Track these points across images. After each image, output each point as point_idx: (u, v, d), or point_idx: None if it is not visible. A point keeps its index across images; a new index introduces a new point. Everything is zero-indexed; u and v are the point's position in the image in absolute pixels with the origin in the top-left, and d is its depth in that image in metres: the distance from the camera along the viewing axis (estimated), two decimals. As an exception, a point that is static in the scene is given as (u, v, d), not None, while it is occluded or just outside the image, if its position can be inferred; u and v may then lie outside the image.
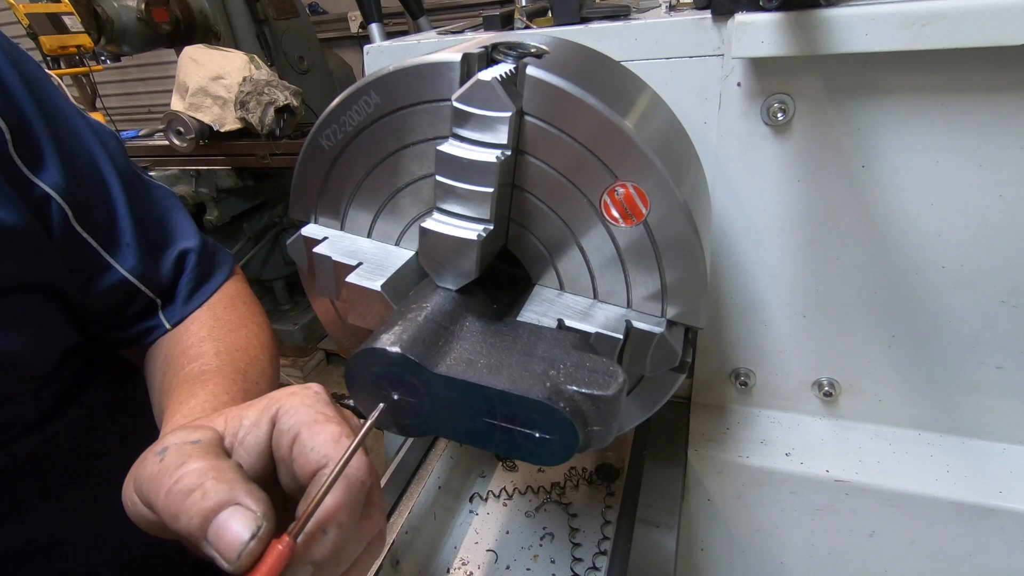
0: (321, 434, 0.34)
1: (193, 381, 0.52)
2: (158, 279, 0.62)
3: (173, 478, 0.31)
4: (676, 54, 0.65)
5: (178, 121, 2.17)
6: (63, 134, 0.55)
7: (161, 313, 0.63)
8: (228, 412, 0.38)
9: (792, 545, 0.77)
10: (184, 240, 0.64)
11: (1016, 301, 0.64)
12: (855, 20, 0.53)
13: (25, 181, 0.52)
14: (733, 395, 0.81)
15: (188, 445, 0.33)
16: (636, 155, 0.42)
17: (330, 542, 0.32)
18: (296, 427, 0.35)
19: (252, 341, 0.62)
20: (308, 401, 0.36)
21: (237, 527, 0.29)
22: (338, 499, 0.32)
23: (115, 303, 0.60)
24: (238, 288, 0.68)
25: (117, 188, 0.59)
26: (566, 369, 0.41)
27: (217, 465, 0.32)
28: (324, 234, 0.54)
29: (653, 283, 0.47)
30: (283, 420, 0.36)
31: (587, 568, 0.72)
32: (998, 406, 0.70)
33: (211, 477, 0.31)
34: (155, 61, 3.63)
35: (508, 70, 0.44)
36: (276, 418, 0.36)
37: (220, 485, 0.30)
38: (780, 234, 0.68)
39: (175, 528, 0.31)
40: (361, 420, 0.39)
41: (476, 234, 0.44)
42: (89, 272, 0.58)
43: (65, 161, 0.54)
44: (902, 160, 0.61)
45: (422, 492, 0.73)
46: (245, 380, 0.55)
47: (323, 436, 0.34)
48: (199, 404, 0.49)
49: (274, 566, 0.29)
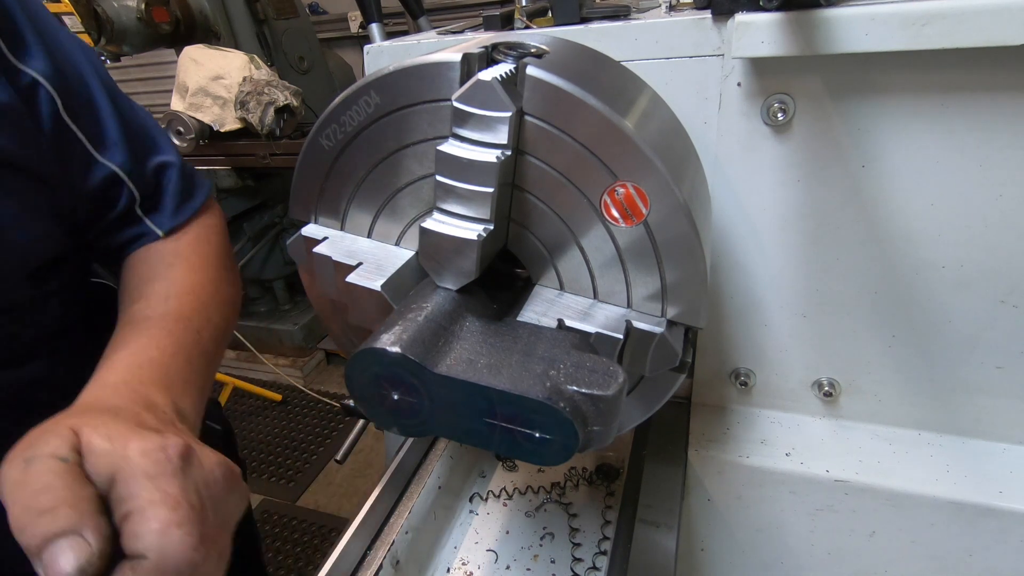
0: (151, 521, 0.32)
1: (133, 325, 0.53)
2: (144, 181, 0.62)
3: (32, 495, 0.31)
4: (676, 54, 0.65)
5: (178, 121, 2.17)
6: (46, 32, 0.56)
7: (149, 220, 0.63)
8: (99, 423, 0.36)
9: (792, 545, 0.77)
10: (166, 154, 0.65)
11: (1016, 301, 0.64)
12: (855, 20, 0.53)
13: (10, 66, 0.52)
14: (733, 395, 0.81)
15: (55, 461, 0.33)
16: (636, 155, 0.42)
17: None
18: (129, 501, 0.33)
19: (207, 287, 0.61)
20: (152, 470, 0.34)
21: (67, 558, 0.29)
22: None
23: (104, 200, 0.61)
24: (211, 225, 0.68)
25: (100, 91, 0.60)
26: (566, 369, 0.41)
27: (76, 493, 0.32)
28: (324, 234, 0.54)
29: (653, 283, 0.47)
30: (119, 487, 0.34)
31: (587, 568, 0.72)
32: (998, 406, 0.70)
33: (66, 503, 0.31)
34: (155, 61, 3.62)
35: (508, 70, 0.44)
36: (114, 480, 0.34)
37: (71, 513, 0.31)
38: (780, 234, 0.68)
39: (18, 539, 0.31)
40: None
41: (476, 234, 0.44)
42: (79, 167, 0.58)
43: (50, 55, 0.55)
44: (902, 160, 0.61)
45: (422, 492, 0.73)
46: (186, 330, 0.54)
47: (151, 524, 0.32)
48: (126, 356, 0.49)
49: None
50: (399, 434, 0.45)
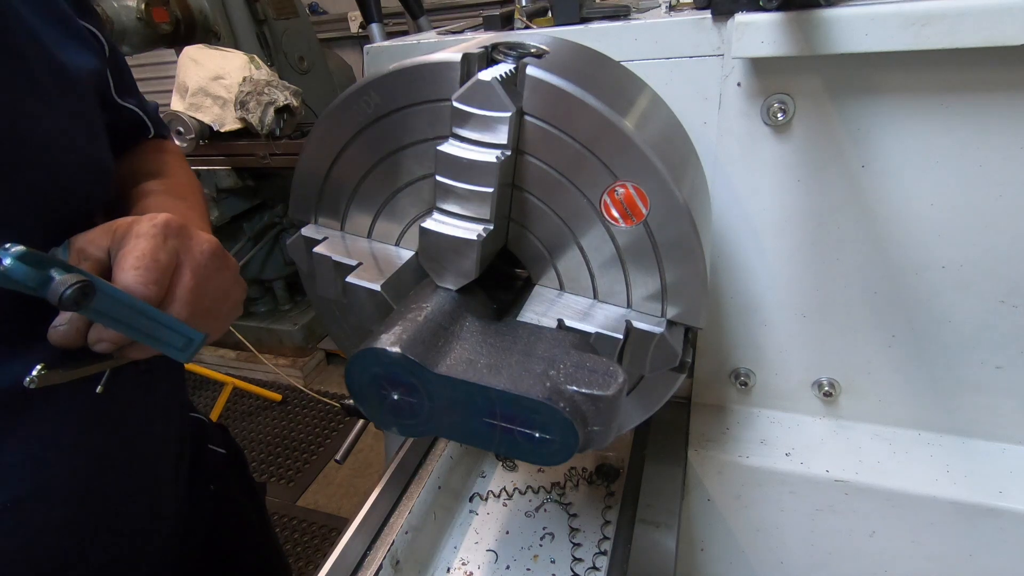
0: (119, 262, 0.46)
1: (150, 194, 0.66)
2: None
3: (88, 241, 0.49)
4: (676, 54, 0.65)
5: (178, 121, 2.17)
6: None
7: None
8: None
9: (792, 545, 0.77)
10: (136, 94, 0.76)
11: (1016, 301, 0.64)
12: (855, 20, 0.53)
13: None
14: (733, 395, 0.81)
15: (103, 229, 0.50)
16: (636, 155, 0.42)
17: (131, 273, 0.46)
18: (119, 249, 0.48)
19: (193, 177, 0.75)
20: (139, 231, 0.48)
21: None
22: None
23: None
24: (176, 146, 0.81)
25: None
26: (566, 369, 0.41)
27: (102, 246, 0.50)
28: (324, 234, 0.54)
29: (653, 283, 0.47)
30: (121, 240, 0.48)
31: (587, 568, 0.72)
32: (998, 406, 0.70)
33: (97, 247, 0.48)
34: (155, 61, 3.62)
35: (508, 70, 0.44)
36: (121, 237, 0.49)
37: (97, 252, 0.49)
38: (780, 234, 0.68)
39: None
40: None
41: (476, 234, 0.44)
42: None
43: None
44: (902, 160, 0.61)
45: (422, 492, 0.73)
46: (193, 196, 0.69)
47: (120, 264, 0.46)
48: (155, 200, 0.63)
49: None
50: (399, 434, 0.45)
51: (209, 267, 0.52)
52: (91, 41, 0.62)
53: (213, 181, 2.50)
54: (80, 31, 0.61)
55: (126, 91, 0.72)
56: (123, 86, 0.71)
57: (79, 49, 0.60)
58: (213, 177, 2.49)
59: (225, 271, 0.54)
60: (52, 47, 0.55)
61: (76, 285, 0.41)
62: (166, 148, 0.78)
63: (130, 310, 0.45)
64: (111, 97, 0.68)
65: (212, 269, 0.52)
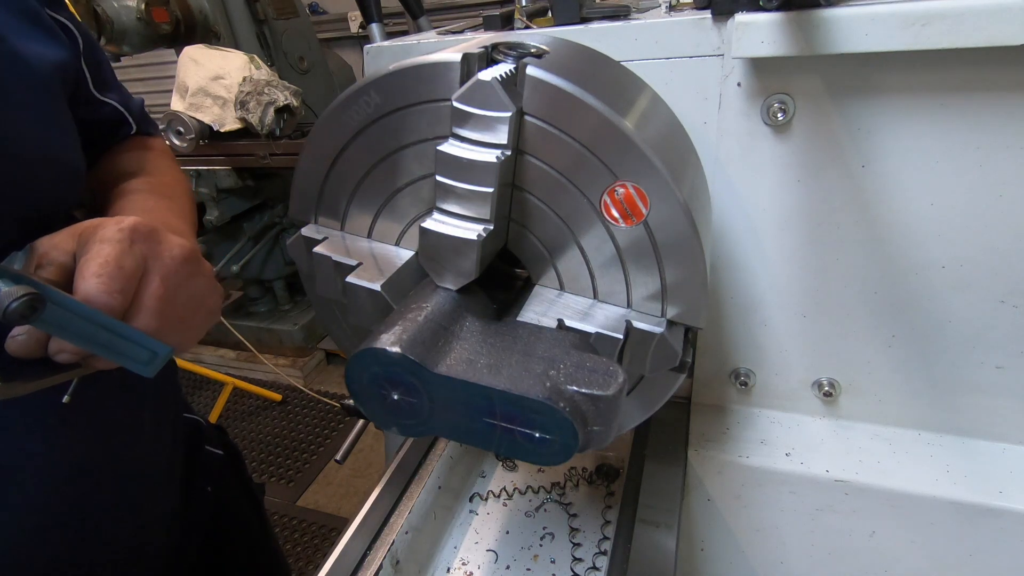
0: (80, 269, 0.43)
1: (135, 192, 0.64)
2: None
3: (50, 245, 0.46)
4: (676, 54, 0.65)
5: (178, 121, 2.17)
6: None
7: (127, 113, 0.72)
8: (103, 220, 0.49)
9: (792, 545, 0.77)
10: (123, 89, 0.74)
11: (1016, 301, 0.64)
12: (855, 20, 0.53)
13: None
14: (733, 395, 0.81)
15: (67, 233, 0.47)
16: (636, 155, 0.42)
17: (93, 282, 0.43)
18: (82, 256, 0.45)
19: (181, 175, 0.75)
20: (103, 237, 0.45)
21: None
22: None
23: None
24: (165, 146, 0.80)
25: None
26: (566, 369, 0.41)
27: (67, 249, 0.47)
28: (324, 234, 0.54)
29: (653, 283, 0.47)
30: (84, 246, 0.46)
31: (587, 568, 0.72)
32: (998, 406, 0.70)
33: (62, 252, 0.46)
34: (155, 61, 3.62)
35: (508, 70, 0.44)
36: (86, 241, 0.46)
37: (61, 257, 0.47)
38: (780, 234, 0.68)
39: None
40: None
41: (476, 234, 0.44)
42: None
43: None
44: (902, 160, 0.61)
45: (422, 492, 0.73)
46: (175, 195, 0.68)
47: (81, 272, 0.43)
48: (127, 206, 0.61)
49: None
50: (399, 434, 0.45)
51: (180, 273, 0.49)
52: (60, 34, 0.60)
53: (213, 181, 2.50)
54: (48, 23, 0.58)
55: (105, 86, 0.69)
56: (101, 80, 0.69)
57: (47, 42, 0.57)
58: (213, 177, 2.49)
59: (199, 277, 0.52)
60: (13, 40, 0.52)
61: (23, 298, 0.38)
62: (151, 145, 0.75)
63: (87, 322, 0.42)
64: (88, 91, 0.66)
65: (183, 275, 0.50)
